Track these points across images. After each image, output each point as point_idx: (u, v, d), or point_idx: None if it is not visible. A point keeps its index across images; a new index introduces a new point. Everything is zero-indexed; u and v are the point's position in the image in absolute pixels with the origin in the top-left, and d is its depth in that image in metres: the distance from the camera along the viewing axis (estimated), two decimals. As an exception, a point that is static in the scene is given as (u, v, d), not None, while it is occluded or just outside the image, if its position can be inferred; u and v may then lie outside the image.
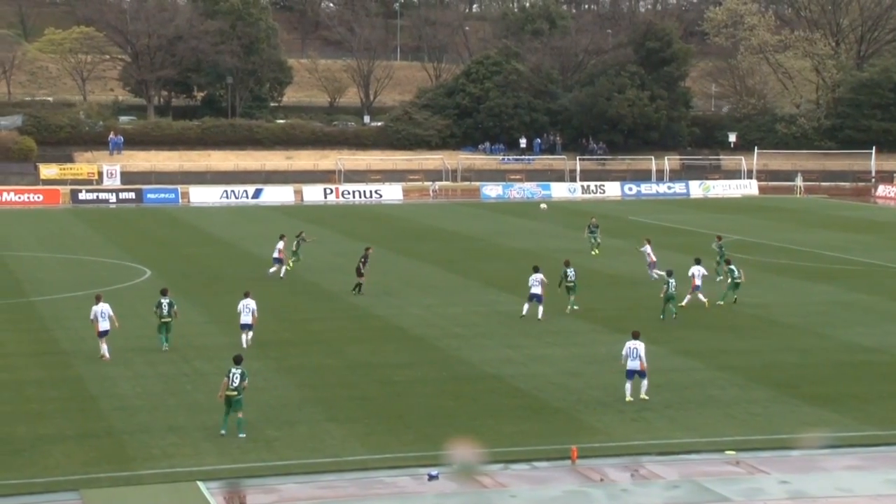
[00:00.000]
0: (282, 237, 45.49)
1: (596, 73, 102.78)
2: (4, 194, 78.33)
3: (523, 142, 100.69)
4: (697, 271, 39.36)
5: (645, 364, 26.97)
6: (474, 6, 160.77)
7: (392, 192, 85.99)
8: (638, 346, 27.16)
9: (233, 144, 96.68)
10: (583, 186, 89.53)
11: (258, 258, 51.01)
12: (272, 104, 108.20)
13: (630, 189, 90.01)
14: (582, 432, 24.71)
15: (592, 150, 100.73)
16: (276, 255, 44.88)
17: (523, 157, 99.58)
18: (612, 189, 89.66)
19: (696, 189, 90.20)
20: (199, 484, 21.35)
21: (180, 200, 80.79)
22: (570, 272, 38.17)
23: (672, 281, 36.71)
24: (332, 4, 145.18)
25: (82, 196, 79.53)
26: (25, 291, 41.43)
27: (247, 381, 24.47)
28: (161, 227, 64.89)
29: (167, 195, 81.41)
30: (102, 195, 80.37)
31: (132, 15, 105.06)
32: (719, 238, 47.30)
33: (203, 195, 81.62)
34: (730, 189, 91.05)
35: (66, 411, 25.86)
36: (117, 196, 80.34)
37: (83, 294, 40.07)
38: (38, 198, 78.86)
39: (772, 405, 27.07)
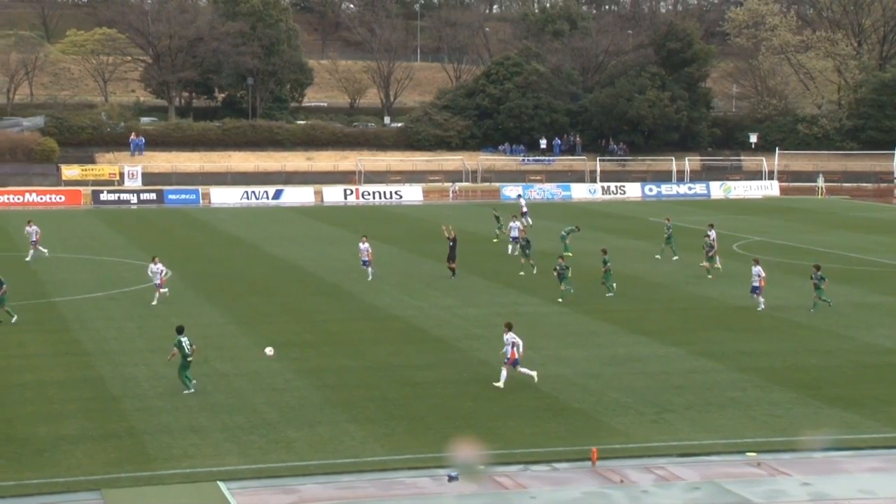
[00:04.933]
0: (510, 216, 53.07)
1: (616, 74, 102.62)
2: (27, 195, 78.85)
3: (543, 143, 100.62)
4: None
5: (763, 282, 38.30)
6: (494, 7, 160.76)
7: (412, 193, 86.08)
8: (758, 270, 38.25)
9: (253, 145, 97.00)
10: (603, 187, 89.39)
11: (278, 259, 51.15)
12: (292, 105, 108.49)
13: (650, 190, 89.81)
14: (602, 433, 24.65)
15: (613, 150, 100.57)
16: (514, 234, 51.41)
17: (543, 157, 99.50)
18: (633, 190, 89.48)
19: (717, 190, 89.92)
20: (220, 484, 21.41)
21: (201, 201, 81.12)
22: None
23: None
24: (352, 6, 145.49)
25: (104, 197, 79.96)
26: (48, 292, 41.65)
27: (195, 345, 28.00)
28: (182, 227, 65.14)
29: (188, 196, 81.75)
30: (124, 196, 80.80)
31: (153, 16, 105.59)
32: (668, 220, 52.81)
33: (224, 196, 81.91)
34: (751, 190, 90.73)
35: (88, 411, 25.97)
36: (138, 197, 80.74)
37: (105, 295, 40.25)
38: (60, 198, 79.32)
39: (793, 407, 26.94)
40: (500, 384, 28.17)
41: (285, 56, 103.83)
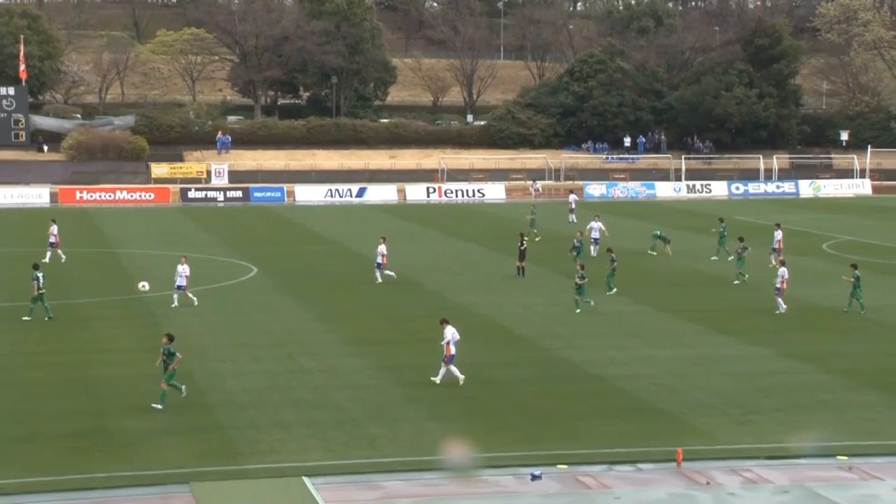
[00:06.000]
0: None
1: (703, 71, 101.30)
2: (118, 192, 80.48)
3: (627, 140, 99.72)
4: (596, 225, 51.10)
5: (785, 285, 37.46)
6: (578, 4, 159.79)
7: (495, 192, 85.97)
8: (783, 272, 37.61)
9: (337, 144, 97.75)
10: (688, 186, 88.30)
11: (361, 256, 51.44)
12: (376, 103, 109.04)
13: (737, 188, 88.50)
14: (687, 435, 24.34)
15: (698, 148, 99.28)
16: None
17: (627, 156, 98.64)
18: (719, 188, 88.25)
19: (807, 188, 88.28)
20: (305, 479, 21.61)
21: (286, 199, 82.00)
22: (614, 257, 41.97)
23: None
24: (435, 4, 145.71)
25: (192, 194, 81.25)
26: (138, 288, 42.40)
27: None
28: (267, 225, 65.92)
29: (273, 194, 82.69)
30: (211, 194, 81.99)
31: (240, 16, 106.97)
32: (721, 220, 51.59)
33: (308, 194, 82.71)
34: (841, 189, 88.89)
35: (176, 406, 26.38)
36: (225, 195, 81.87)
37: (192, 291, 40.85)
38: (150, 196, 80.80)
39: (887, 410, 26.31)
40: (438, 379, 28.18)
41: (369, 55, 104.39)
